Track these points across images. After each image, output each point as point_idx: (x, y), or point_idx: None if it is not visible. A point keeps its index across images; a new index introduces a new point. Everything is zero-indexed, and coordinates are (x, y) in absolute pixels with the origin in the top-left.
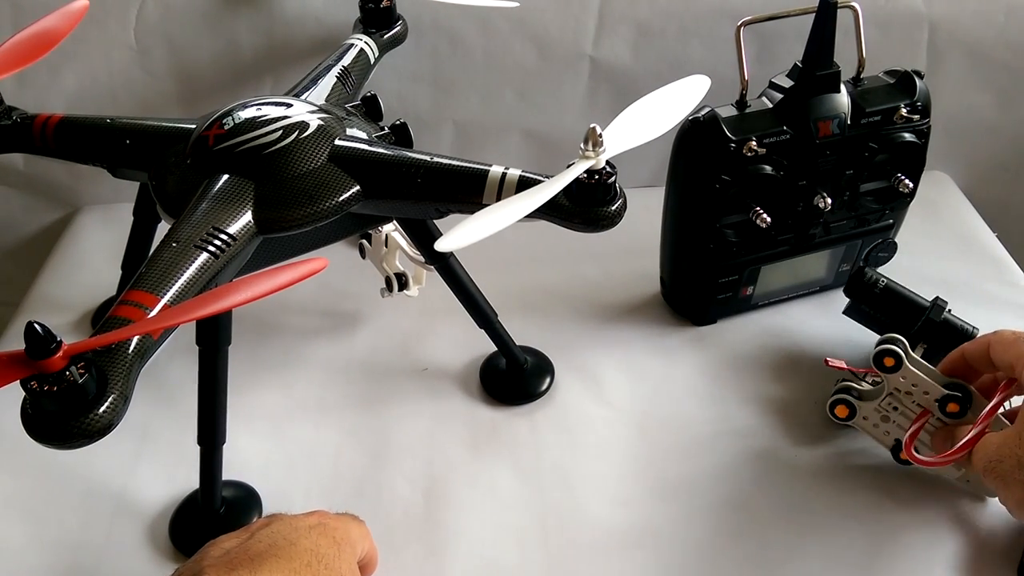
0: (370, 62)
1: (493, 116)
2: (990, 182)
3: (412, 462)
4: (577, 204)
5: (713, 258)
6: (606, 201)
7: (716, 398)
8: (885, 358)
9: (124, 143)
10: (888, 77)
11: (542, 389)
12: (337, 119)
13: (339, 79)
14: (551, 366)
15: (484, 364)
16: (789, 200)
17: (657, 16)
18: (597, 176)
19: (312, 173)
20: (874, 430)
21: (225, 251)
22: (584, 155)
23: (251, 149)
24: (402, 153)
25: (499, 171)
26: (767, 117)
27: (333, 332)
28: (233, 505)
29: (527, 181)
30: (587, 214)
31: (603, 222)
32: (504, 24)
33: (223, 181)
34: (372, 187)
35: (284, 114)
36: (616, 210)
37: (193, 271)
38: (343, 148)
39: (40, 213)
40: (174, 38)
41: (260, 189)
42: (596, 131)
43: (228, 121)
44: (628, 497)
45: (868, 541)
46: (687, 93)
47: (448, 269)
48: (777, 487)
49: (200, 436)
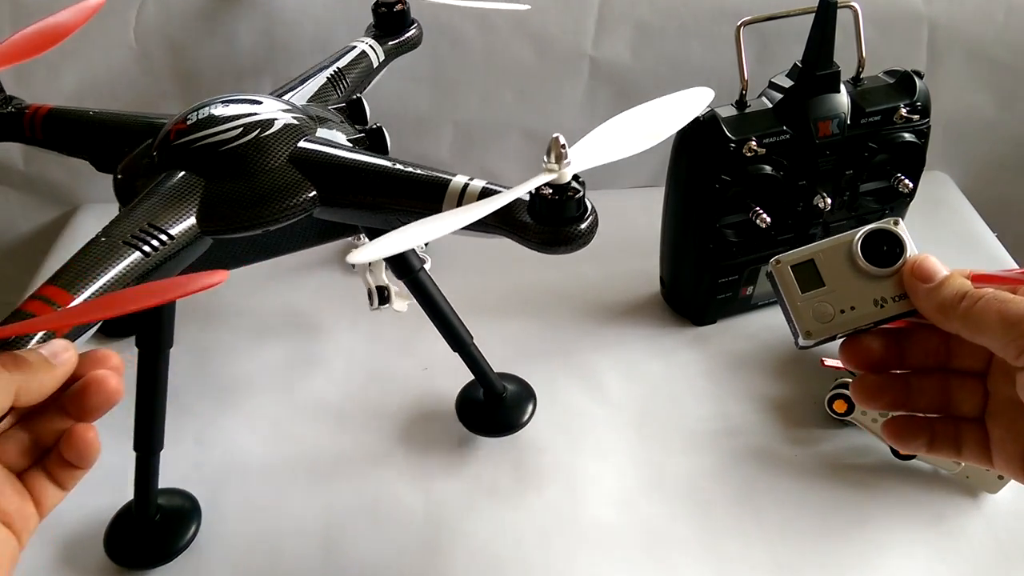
0: (372, 66)
1: (493, 116)
2: (990, 182)
3: (410, 462)
4: (540, 222)
5: (713, 258)
6: (571, 220)
7: (715, 397)
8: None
9: (104, 137)
10: (888, 77)
11: (523, 420)
12: (309, 120)
13: (330, 81)
14: (532, 393)
15: (461, 395)
16: (789, 200)
17: (657, 16)
18: (560, 193)
19: (266, 173)
20: (873, 425)
21: (159, 250)
22: (545, 167)
23: (207, 146)
24: (364, 159)
25: (461, 181)
26: (767, 117)
27: (330, 336)
28: (169, 513)
29: (489, 192)
30: (550, 233)
31: (567, 243)
32: (504, 24)
33: (175, 177)
34: (329, 192)
35: (250, 111)
36: (584, 230)
37: (118, 270)
38: (305, 150)
39: (39, 212)
40: (174, 38)
41: (210, 187)
42: (558, 142)
43: (193, 116)
44: (628, 497)
45: (867, 537)
46: (686, 105)
47: (417, 284)
48: (776, 485)
49: (136, 442)
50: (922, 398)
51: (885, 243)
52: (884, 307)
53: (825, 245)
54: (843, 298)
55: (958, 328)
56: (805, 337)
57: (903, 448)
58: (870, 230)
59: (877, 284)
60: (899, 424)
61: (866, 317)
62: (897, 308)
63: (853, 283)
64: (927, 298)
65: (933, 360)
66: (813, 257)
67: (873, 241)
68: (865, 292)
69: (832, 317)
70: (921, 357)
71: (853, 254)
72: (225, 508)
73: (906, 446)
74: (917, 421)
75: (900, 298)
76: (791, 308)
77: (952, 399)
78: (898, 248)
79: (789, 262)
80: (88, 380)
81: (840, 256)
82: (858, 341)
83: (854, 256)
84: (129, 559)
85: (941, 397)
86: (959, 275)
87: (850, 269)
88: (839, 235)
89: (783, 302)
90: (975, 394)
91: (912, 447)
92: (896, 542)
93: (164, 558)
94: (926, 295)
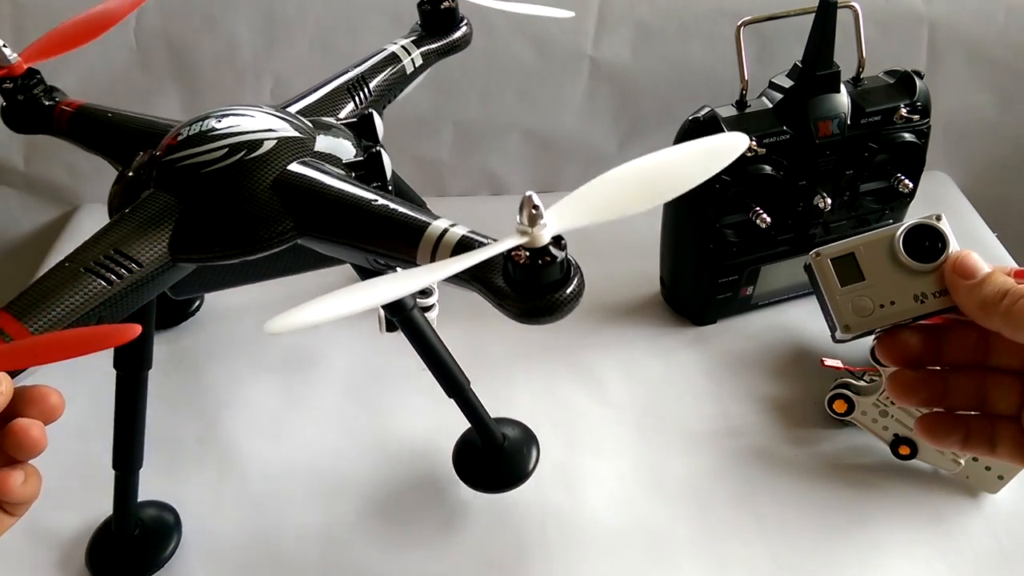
0: (405, 72)
1: (493, 116)
2: (990, 182)
3: (412, 458)
4: (515, 289)
5: (713, 258)
6: (549, 288)
7: (715, 397)
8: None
9: (123, 139)
10: (888, 77)
11: (528, 469)
12: (305, 138)
13: (349, 89)
14: (534, 439)
15: (458, 446)
16: (789, 200)
17: (657, 16)
18: (536, 257)
19: (244, 201)
20: (873, 425)
21: (124, 278)
22: (517, 229)
23: (189, 166)
24: (347, 190)
25: (440, 227)
26: (767, 117)
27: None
28: (150, 526)
29: (467, 244)
30: (528, 303)
31: (547, 313)
32: (504, 24)
33: (150, 198)
34: (306, 224)
35: (241, 128)
36: (567, 296)
37: (76, 299)
38: (291, 175)
39: (39, 212)
40: (174, 38)
41: (185, 212)
42: (532, 201)
43: (186, 130)
44: (628, 497)
45: (867, 537)
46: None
47: (409, 323)
48: (776, 485)
49: (116, 461)
50: (958, 395)
51: (927, 238)
52: (924, 303)
53: (866, 239)
54: (883, 293)
55: (999, 326)
56: (844, 331)
57: (937, 445)
58: (912, 225)
59: (918, 279)
60: (933, 421)
61: (906, 312)
62: (937, 304)
63: (893, 278)
64: (968, 295)
65: (971, 357)
66: (854, 251)
67: (915, 236)
68: (905, 287)
69: (871, 311)
70: (959, 353)
71: (895, 249)
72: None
73: (940, 443)
74: (952, 418)
75: (940, 294)
76: (830, 301)
77: (989, 396)
78: (940, 244)
79: (829, 255)
80: (11, 427)
81: (881, 250)
82: (896, 336)
83: (895, 251)
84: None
85: (977, 394)
86: (1001, 272)
87: (891, 264)
88: (879, 229)
89: (821, 295)
90: (1013, 392)
91: (946, 444)
92: (896, 542)
93: (144, 572)
94: (967, 292)
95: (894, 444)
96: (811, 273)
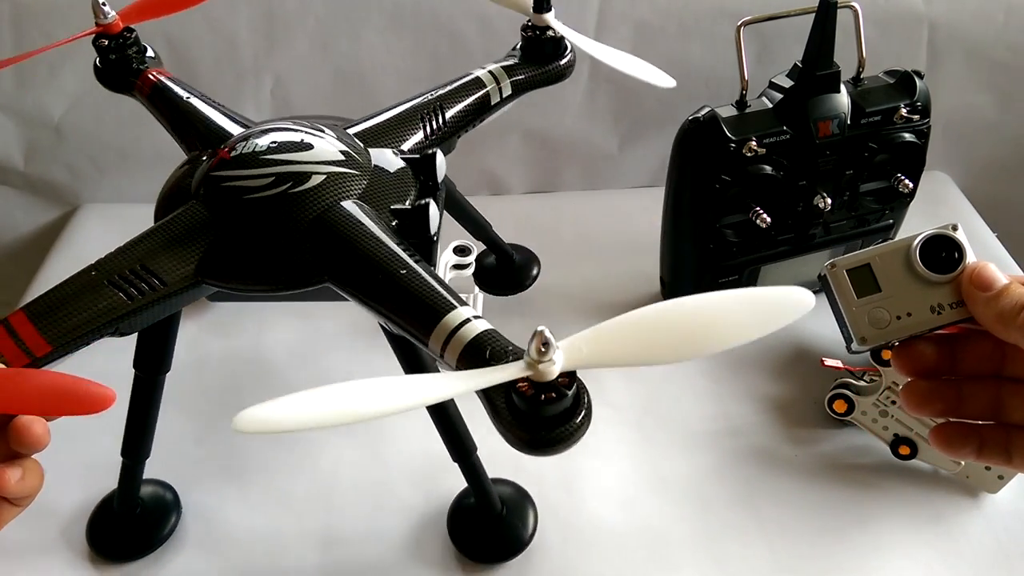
0: (490, 102)
1: (493, 116)
2: (990, 182)
3: (413, 456)
4: (515, 416)
5: (713, 258)
6: (555, 421)
7: (716, 397)
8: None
9: (185, 128)
10: (888, 77)
11: (527, 535)
12: (357, 175)
13: (423, 116)
14: (528, 498)
15: (452, 510)
16: (789, 200)
17: (657, 16)
18: (541, 392)
19: (279, 235)
20: (873, 425)
21: (147, 294)
22: (525, 361)
23: (233, 189)
24: (379, 248)
25: (459, 318)
26: (767, 117)
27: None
28: (150, 505)
29: (479, 346)
30: (529, 433)
31: (549, 447)
32: (504, 24)
33: (188, 211)
34: (333, 271)
35: (292, 158)
36: (571, 430)
37: (94, 310)
38: (332, 216)
39: (39, 212)
40: (174, 38)
41: (219, 235)
42: (543, 336)
43: (242, 145)
44: (628, 497)
45: (867, 537)
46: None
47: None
48: (777, 485)
49: (125, 450)
50: (974, 405)
51: (943, 249)
52: (941, 314)
53: (881, 249)
54: (899, 304)
55: (1017, 339)
56: (860, 343)
57: (952, 455)
58: (929, 235)
59: (934, 290)
60: (948, 431)
61: (922, 324)
62: (954, 315)
63: (910, 289)
64: (986, 307)
65: (987, 367)
66: (870, 262)
67: (932, 247)
68: (922, 298)
69: (888, 323)
70: (974, 363)
71: (911, 259)
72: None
73: (955, 453)
74: (966, 428)
75: (957, 305)
76: (846, 313)
77: (1004, 406)
78: (957, 254)
79: (845, 266)
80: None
81: (897, 261)
82: (912, 347)
83: (912, 261)
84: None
85: (993, 404)
86: (1018, 284)
87: (907, 274)
88: (895, 240)
89: (837, 307)
90: None
91: (961, 454)
92: (896, 542)
93: (146, 549)
94: (985, 304)
95: (894, 444)
96: (826, 284)
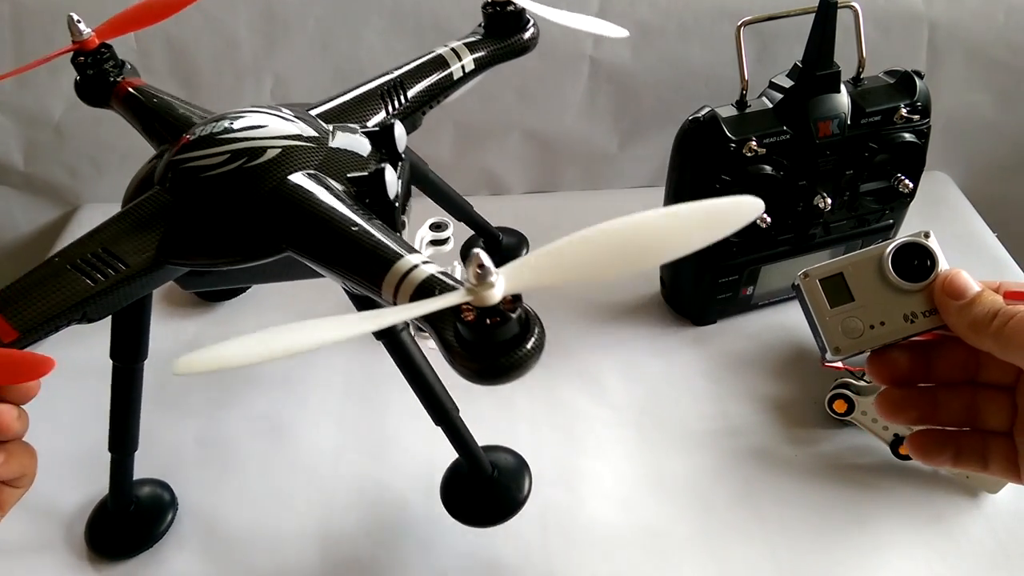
0: (452, 78)
1: (493, 116)
2: (990, 182)
3: (412, 457)
4: (465, 348)
5: (713, 258)
6: (502, 348)
7: (715, 397)
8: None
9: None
10: (888, 77)
11: (521, 497)
12: (314, 148)
13: (383, 94)
14: (525, 467)
15: (446, 477)
16: (789, 200)
17: (657, 16)
18: (485, 316)
19: (236, 209)
20: (873, 425)
21: (110, 277)
22: (465, 285)
23: (190, 169)
24: (334, 210)
25: (408, 264)
26: (767, 117)
27: None
28: (145, 504)
29: (429, 287)
30: (476, 362)
31: (498, 375)
32: None
33: (151, 197)
34: (292, 239)
35: (249, 133)
36: (521, 357)
37: (58, 295)
38: (288, 187)
39: (39, 212)
40: (174, 38)
41: (178, 215)
42: (478, 258)
43: (200, 130)
44: (628, 497)
45: (867, 537)
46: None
47: (396, 345)
48: (777, 485)
49: (112, 444)
50: (949, 412)
51: (916, 257)
52: (914, 323)
53: (854, 258)
54: (873, 313)
55: (990, 346)
56: (834, 353)
57: (928, 462)
58: (901, 244)
59: (907, 299)
60: (924, 438)
61: (896, 332)
62: (927, 323)
63: (883, 297)
64: (959, 315)
65: (961, 373)
66: (842, 271)
67: (904, 255)
68: (895, 307)
69: (861, 332)
70: (949, 370)
71: (883, 268)
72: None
73: (931, 460)
74: (942, 435)
75: (930, 313)
76: (819, 323)
77: (979, 412)
78: (929, 262)
79: (817, 276)
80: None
81: (870, 270)
82: (886, 356)
83: (884, 270)
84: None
85: (968, 410)
86: (990, 292)
87: (880, 283)
88: (867, 248)
89: (811, 317)
90: (1004, 408)
91: (937, 461)
92: (896, 542)
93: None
94: (957, 312)
95: (894, 444)
96: (800, 294)
